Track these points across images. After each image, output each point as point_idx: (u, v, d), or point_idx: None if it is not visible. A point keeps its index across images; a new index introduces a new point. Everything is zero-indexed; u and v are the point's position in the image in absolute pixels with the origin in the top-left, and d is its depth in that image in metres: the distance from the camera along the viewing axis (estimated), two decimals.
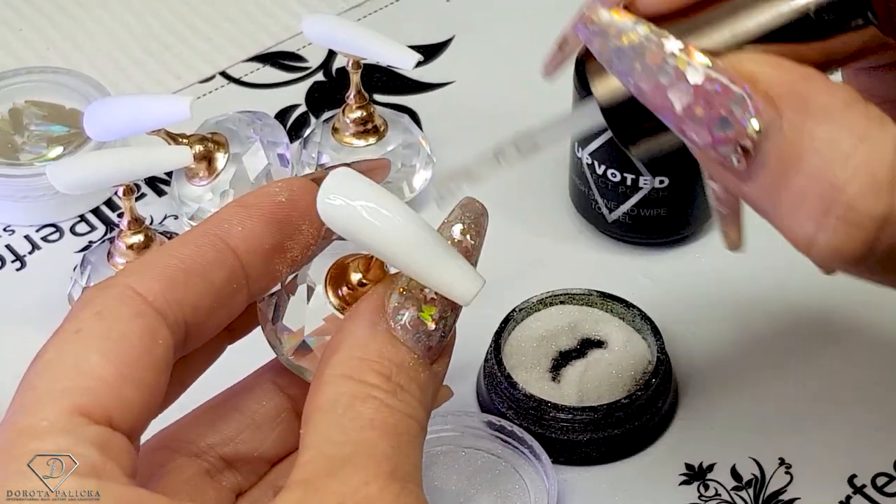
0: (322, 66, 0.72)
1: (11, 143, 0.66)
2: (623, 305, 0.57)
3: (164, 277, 0.39)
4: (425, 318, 0.38)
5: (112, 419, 0.36)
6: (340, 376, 0.38)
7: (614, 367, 0.56)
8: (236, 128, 0.63)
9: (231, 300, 0.40)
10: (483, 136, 0.68)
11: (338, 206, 0.37)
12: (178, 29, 0.75)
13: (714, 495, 0.54)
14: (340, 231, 0.38)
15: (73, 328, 0.38)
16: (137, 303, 0.38)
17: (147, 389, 0.37)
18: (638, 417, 0.54)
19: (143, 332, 0.38)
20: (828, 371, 0.58)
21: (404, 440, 0.37)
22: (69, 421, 0.36)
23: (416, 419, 0.38)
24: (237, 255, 0.40)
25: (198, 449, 0.42)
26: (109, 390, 0.36)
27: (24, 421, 0.36)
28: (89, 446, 0.35)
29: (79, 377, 0.36)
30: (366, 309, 0.39)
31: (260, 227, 0.41)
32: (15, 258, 0.64)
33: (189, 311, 0.39)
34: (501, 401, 0.55)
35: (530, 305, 0.57)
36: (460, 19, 0.75)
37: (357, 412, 0.37)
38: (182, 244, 0.40)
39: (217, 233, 0.40)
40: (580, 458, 0.54)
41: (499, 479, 0.53)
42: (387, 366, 0.38)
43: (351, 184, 0.38)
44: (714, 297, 0.61)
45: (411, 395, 0.38)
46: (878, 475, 0.54)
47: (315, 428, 0.37)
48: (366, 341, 0.38)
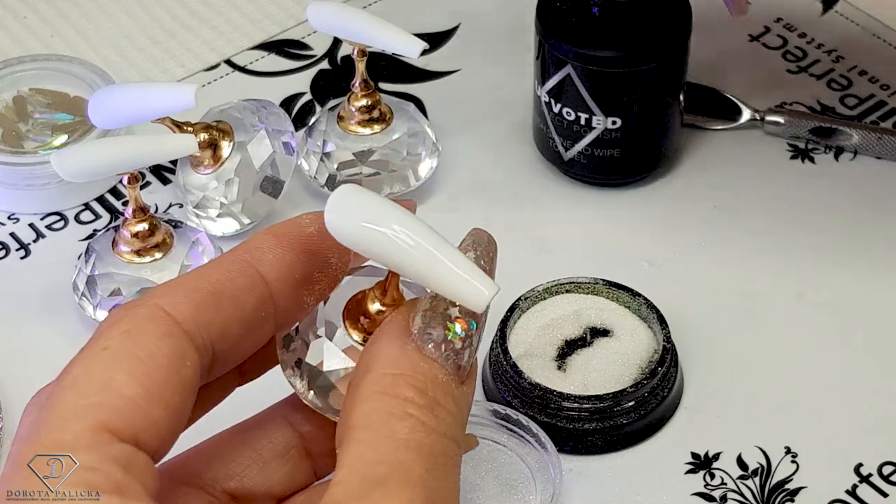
0: (327, 55, 0.72)
1: (16, 130, 0.66)
2: (629, 294, 0.57)
3: (194, 300, 0.38)
4: (452, 336, 0.38)
5: (138, 438, 0.36)
6: (374, 393, 0.37)
7: (620, 355, 0.55)
8: (241, 116, 0.63)
9: (259, 328, 0.40)
10: (488, 124, 0.68)
11: (348, 222, 0.37)
12: (183, 17, 0.75)
13: (720, 484, 0.54)
14: (352, 245, 0.37)
15: (101, 346, 0.37)
16: (167, 323, 0.38)
17: (173, 411, 0.37)
18: (644, 406, 0.54)
19: (171, 353, 0.37)
20: (834, 359, 0.58)
21: (440, 462, 0.37)
22: (94, 437, 0.35)
23: (453, 438, 0.37)
24: (267, 283, 0.40)
25: (203, 482, 0.42)
26: (136, 409, 0.36)
27: (49, 436, 0.35)
28: (113, 464, 0.35)
29: (105, 395, 0.36)
30: (392, 329, 0.39)
31: (291, 257, 0.40)
32: (19, 246, 0.64)
33: (217, 336, 0.39)
34: (507, 389, 0.55)
35: (536, 294, 0.57)
36: (466, 7, 0.74)
37: (392, 430, 0.36)
38: (213, 268, 0.40)
39: (248, 259, 0.40)
40: (586, 447, 0.54)
41: (504, 468, 0.53)
42: (422, 380, 0.37)
43: (357, 198, 0.37)
44: (720, 286, 0.61)
45: (448, 411, 0.37)
46: (884, 464, 0.54)
47: (349, 446, 0.36)
48: (397, 359, 0.38)
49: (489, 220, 0.64)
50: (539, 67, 0.63)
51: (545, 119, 0.63)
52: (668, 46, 0.61)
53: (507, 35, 0.72)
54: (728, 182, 0.65)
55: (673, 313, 0.57)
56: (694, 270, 0.61)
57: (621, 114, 0.61)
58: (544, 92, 0.63)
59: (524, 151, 0.66)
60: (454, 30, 0.73)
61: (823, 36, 0.72)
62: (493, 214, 0.64)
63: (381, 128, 0.63)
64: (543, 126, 0.64)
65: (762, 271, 0.61)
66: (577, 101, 0.61)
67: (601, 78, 0.60)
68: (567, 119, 0.62)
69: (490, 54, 0.72)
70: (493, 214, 0.64)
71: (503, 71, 0.71)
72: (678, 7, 0.61)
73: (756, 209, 0.64)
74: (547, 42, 0.61)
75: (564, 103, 0.62)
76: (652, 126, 0.62)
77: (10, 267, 0.63)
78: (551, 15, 0.61)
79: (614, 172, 0.64)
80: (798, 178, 0.65)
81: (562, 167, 0.65)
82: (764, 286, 0.60)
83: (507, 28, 0.73)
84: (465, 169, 0.66)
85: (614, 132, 0.62)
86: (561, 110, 0.62)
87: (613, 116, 0.61)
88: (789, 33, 0.72)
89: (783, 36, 0.72)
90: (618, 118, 0.61)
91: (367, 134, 0.63)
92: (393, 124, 0.64)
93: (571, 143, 0.63)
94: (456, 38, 0.73)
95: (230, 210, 0.62)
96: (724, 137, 0.67)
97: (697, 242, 0.62)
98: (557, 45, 0.61)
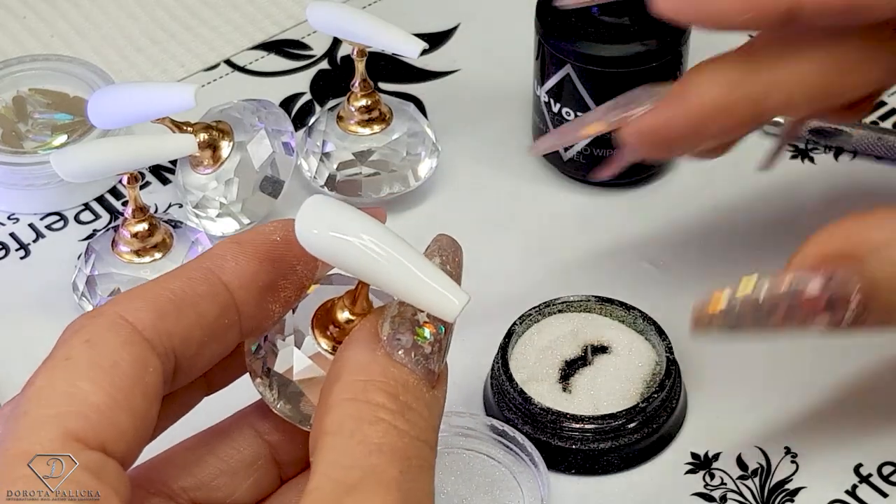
0: (327, 55, 0.72)
1: (15, 131, 0.66)
2: (623, 308, 0.57)
3: (154, 308, 0.38)
4: (421, 341, 0.38)
5: (105, 446, 0.36)
6: (345, 399, 0.37)
7: (622, 371, 0.55)
8: (241, 116, 0.63)
9: (223, 336, 0.40)
10: (488, 124, 0.68)
11: (315, 232, 0.37)
12: (183, 17, 0.75)
13: (720, 484, 0.54)
14: (321, 256, 0.37)
15: (63, 356, 0.37)
16: (127, 331, 0.38)
17: (139, 417, 0.37)
18: (655, 420, 0.54)
19: (133, 361, 0.37)
20: (834, 359, 0.58)
21: (414, 465, 0.36)
22: (64, 446, 0.35)
23: (426, 441, 0.37)
24: (229, 291, 0.40)
25: (171, 491, 0.41)
26: (102, 417, 0.36)
27: (18, 447, 0.35)
28: (85, 472, 0.35)
29: (71, 403, 0.36)
30: (361, 336, 0.39)
31: (254, 265, 0.40)
32: (19, 246, 0.64)
33: (179, 343, 0.39)
34: (516, 416, 0.54)
35: (530, 316, 0.57)
36: (465, 7, 0.74)
37: (364, 435, 0.36)
38: (174, 277, 0.40)
39: (210, 267, 0.40)
40: (602, 468, 0.54)
41: (496, 484, 0.53)
42: (392, 385, 0.37)
43: (327, 209, 0.37)
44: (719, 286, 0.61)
45: (419, 414, 0.37)
46: (884, 464, 0.54)
47: (321, 452, 0.36)
48: (367, 365, 0.38)
49: (488, 219, 0.64)
50: (539, 67, 0.63)
51: (545, 119, 0.63)
52: (668, 46, 0.61)
53: (507, 35, 0.72)
54: (728, 182, 0.65)
55: (672, 313, 0.57)
56: (693, 270, 0.61)
57: None
58: (544, 92, 0.63)
59: (524, 151, 0.66)
60: (453, 30, 0.73)
61: None
62: (492, 214, 0.64)
63: (380, 128, 0.63)
64: (543, 126, 0.64)
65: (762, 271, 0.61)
66: (576, 101, 0.61)
67: (601, 78, 0.60)
68: (567, 119, 0.62)
69: (490, 54, 0.72)
70: (492, 214, 0.64)
71: (503, 71, 0.71)
72: None
73: (756, 209, 0.64)
74: (546, 42, 0.61)
75: (564, 103, 0.62)
76: None
77: (9, 267, 0.63)
78: (551, 15, 0.61)
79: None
80: (798, 178, 0.65)
81: (561, 167, 0.65)
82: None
83: (507, 28, 0.73)
84: (464, 169, 0.66)
85: (614, 132, 0.62)
86: (560, 110, 0.62)
87: None
88: None
89: None
90: None
91: (366, 134, 0.63)
92: (392, 124, 0.64)
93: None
94: (456, 38, 0.73)
95: (230, 210, 0.62)
96: None
97: (697, 242, 0.62)
98: (557, 45, 0.61)
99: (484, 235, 0.63)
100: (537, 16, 0.62)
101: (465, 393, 0.56)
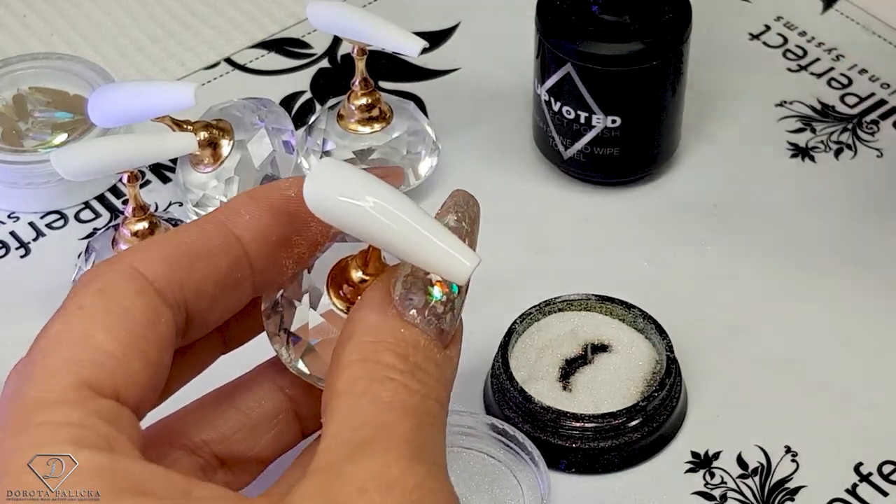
0: (327, 53, 0.72)
1: (16, 129, 0.66)
2: (623, 307, 0.57)
3: (167, 259, 0.39)
4: (433, 301, 0.38)
5: (119, 393, 0.36)
6: (356, 361, 0.37)
7: (623, 369, 0.55)
8: (241, 114, 0.63)
9: (235, 289, 0.40)
10: (488, 123, 0.68)
11: (325, 195, 0.37)
12: (183, 15, 0.75)
13: (720, 483, 0.54)
14: (330, 220, 0.37)
15: (76, 305, 0.37)
16: (139, 281, 0.38)
17: (152, 366, 0.37)
18: (655, 419, 0.54)
19: (145, 309, 0.37)
20: (834, 359, 0.58)
21: (425, 421, 0.37)
22: (78, 393, 0.35)
23: (437, 399, 0.37)
24: (242, 244, 0.40)
25: (192, 444, 0.42)
26: (116, 364, 0.36)
27: (32, 393, 0.35)
28: (99, 419, 0.35)
29: (85, 351, 0.36)
30: (373, 297, 0.39)
31: (267, 219, 0.40)
32: (19, 245, 0.64)
33: (191, 295, 0.39)
34: (517, 415, 0.54)
35: (530, 315, 0.57)
36: (466, 6, 0.74)
37: (375, 394, 0.36)
38: (188, 229, 0.40)
39: (223, 220, 0.40)
40: (602, 466, 0.54)
41: (496, 483, 0.53)
42: (403, 346, 0.37)
43: (337, 172, 0.37)
44: (719, 285, 0.61)
45: (429, 374, 0.38)
46: (884, 463, 0.54)
47: (333, 413, 0.37)
48: (378, 326, 0.38)
49: (488, 218, 0.63)
50: (539, 66, 0.63)
51: (545, 118, 0.63)
52: (667, 45, 0.61)
53: (507, 34, 0.72)
54: (728, 181, 0.65)
55: (672, 313, 0.57)
56: (693, 269, 0.61)
57: (621, 112, 0.61)
58: (544, 91, 0.63)
59: (524, 150, 0.66)
60: (454, 28, 0.73)
61: (824, 34, 0.72)
62: (492, 213, 0.64)
63: (380, 126, 0.63)
64: (543, 125, 0.64)
65: (762, 270, 0.61)
66: (576, 100, 0.61)
67: (601, 77, 0.60)
68: (567, 118, 0.62)
69: (490, 53, 0.72)
70: (492, 213, 0.64)
71: (503, 70, 0.71)
72: (678, 6, 0.61)
73: (756, 208, 0.64)
74: (547, 41, 0.61)
75: (564, 102, 0.62)
76: (652, 125, 0.62)
77: (10, 266, 0.63)
78: (551, 14, 0.61)
79: (614, 171, 0.64)
80: (798, 178, 0.65)
81: (561, 166, 0.65)
82: (764, 285, 0.60)
83: (507, 27, 0.73)
84: (464, 167, 0.66)
85: (614, 131, 0.62)
86: (561, 109, 0.62)
87: (613, 115, 0.61)
88: (789, 32, 0.72)
89: (783, 34, 0.72)
90: (618, 117, 0.61)
91: (366, 132, 0.63)
92: (393, 123, 0.64)
93: (571, 141, 0.63)
94: (456, 37, 0.73)
95: None
96: (724, 136, 0.67)
97: (697, 241, 0.62)
98: (557, 44, 0.61)
99: (484, 234, 0.63)
100: (538, 14, 0.62)
101: (465, 392, 0.56)
